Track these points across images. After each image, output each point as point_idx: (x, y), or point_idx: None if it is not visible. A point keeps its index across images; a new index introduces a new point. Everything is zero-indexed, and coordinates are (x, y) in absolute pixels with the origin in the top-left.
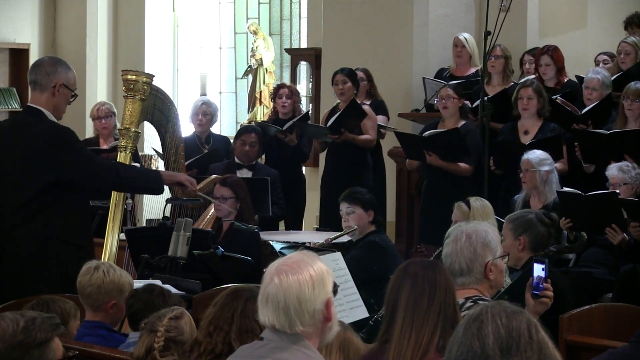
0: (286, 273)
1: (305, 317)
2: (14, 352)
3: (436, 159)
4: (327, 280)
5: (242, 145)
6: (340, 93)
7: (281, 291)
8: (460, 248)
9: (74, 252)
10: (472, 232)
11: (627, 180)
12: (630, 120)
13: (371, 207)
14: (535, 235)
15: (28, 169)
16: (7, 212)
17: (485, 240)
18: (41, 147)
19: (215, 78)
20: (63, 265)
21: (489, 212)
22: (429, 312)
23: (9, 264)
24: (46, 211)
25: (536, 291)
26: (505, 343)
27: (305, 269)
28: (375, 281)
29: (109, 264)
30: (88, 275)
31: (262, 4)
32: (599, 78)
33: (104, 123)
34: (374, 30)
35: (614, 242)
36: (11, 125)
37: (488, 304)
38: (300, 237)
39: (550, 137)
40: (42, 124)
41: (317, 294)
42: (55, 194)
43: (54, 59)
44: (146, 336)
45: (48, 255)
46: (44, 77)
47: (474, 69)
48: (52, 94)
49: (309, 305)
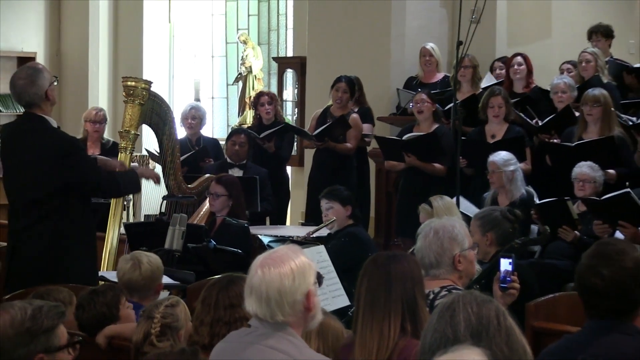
0: (269, 266)
1: (286, 308)
2: (22, 338)
3: (414, 160)
4: (308, 273)
5: (232, 146)
6: (337, 100)
7: (263, 283)
8: (429, 243)
9: (79, 247)
10: (439, 228)
11: (596, 178)
12: (590, 124)
13: (349, 202)
14: (501, 231)
15: (37, 174)
16: (19, 214)
17: (452, 234)
18: (50, 154)
19: (208, 84)
20: (71, 260)
21: (451, 208)
22: (389, 304)
23: (21, 260)
24: (54, 212)
25: (504, 284)
26: (476, 329)
27: (286, 263)
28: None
29: (142, 254)
30: (136, 271)
31: (251, 16)
32: (565, 81)
33: (97, 127)
34: (354, 40)
35: (567, 240)
36: (16, 133)
37: (460, 293)
38: (286, 232)
39: (514, 137)
40: (49, 132)
41: (297, 286)
42: (61, 197)
43: (28, 75)
44: (144, 323)
45: (57, 252)
46: (35, 96)
47: (440, 75)
48: (47, 99)
49: (289, 297)
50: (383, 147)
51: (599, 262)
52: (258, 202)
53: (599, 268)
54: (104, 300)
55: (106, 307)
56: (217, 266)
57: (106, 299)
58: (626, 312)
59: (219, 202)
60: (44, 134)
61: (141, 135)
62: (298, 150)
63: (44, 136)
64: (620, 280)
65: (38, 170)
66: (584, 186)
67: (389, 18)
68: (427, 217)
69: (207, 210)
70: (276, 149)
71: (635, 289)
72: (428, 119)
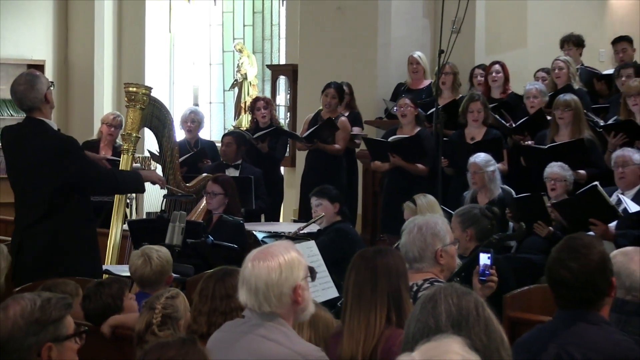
0: (259, 260)
1: (272, 300)
2: (32, 328)
3: (399, 160)
4: (296, 268)
5: (222, 147)
6: (326, 104)
7: (253, 276)
8: (413, 239)
9: (80, 242)
10: (423, 224)
11: (566, 177)
12: (561, 127)
13: (337, 200)
14: (480, 227)
15: (40, 174)
16: (24, 212)
17: (434, 230)
18: (50, 155)
19: (206, 90)
20: (73, 254)
21: (433, 205)
22: (375, 296)
23: (27, 255)
24: (56, 210)
25: (482, 277)
26: (456, 320)
27: (276, 258)
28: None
29: (152, 249)
30: (147, 267)
31: (246, 27)
32: (536, 87)
33: (112, 131)
34: (343, 49)
35: (541, 235)
36: (19, 137)
37: (442, 286)
38: (279, 228)
39: (492, 139)
40: (48, 135)
41: (283, 280)
42: (63, 195)
43: (27, 81)
44: (146, 313)
45: (60, 247)
46: (35, 99)
47: (427, 82)
48: (46, 102)
49: (276, 289)
50: (370, 148)
51: (567, 256)
52: (253, 200)
53: (567, 261)
54: (109, 292)
55: (111, 298)
56: (215, 260)
57: (111, 290)
58: (593, 302)
59: (216, 200)
60: (44, 137)
61: (143, 138)
62: (290, 152)
63: (44, 139)
64: (587, 273)
65: (40, 171)
66: (556, 185)
67: (376, 28)
68: (411, 214)
69: (204, 207)
70: (271, 150)
71: (601, 281)
72: (411, 123)
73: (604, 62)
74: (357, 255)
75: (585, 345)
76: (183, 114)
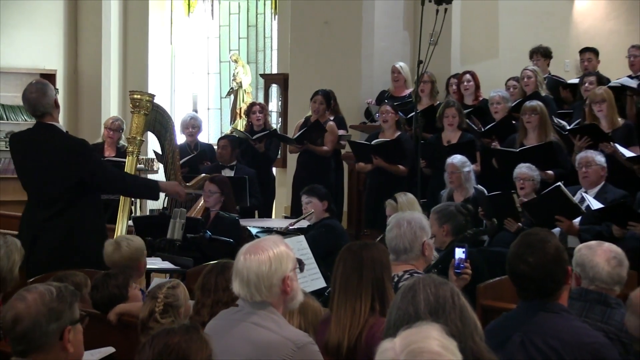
0: (250, 254)
1: (263, 290)
2: (53, 314)
3: (381, 162)
4: (285, 261)
5: (217, 149)
6: (315, 110)
7: (245, 268)
8: (404, 232)
9: (92, 237)
10: (410, 219)
11: (534, 177)
12: (529, 131)
13: (326, 198)
14: (455, 223)
15: (54, 173)
16: (39, 209)
17: (421, 224)
18: (64, 156)
19: (204, 97)
20: (85, 248)
21: (413, 202)
22: (360, 286)
23: (43, 249)
24: (70, 207)
25: (458, 270)
26: (434, 307)
27: (266, 251)
28: (330, 256)
29: (124, 237)
30: (117, 252)
31: (241, 39)
32: (500, 94)
33: (112, 134)
34: (330, 59)
35: (511, 230)
36: (31, 140)
37: (421, 277)
38: (271, 223)
39: (466, 141)
40: (61, 137)
41: (273, 272)
42: (76, 193)
43: (38, 89)
44: (149, 302)
45: (72, 241)
46: (47, 105)
47: (408, 90)
48: (56, 107)
49: (266, 281)
50: (355, 151)
51: (525, 251)
52: (247, 198)
53: (525, 256)
54: (116, 282)
55: (117, 288)
56: (212, 254)
57: (117, 281)
58: (551, 292)
59: (213, 198)
60: (56, 139)
61: (146, 141)
62: (282, 154)
63: (56, 141)
64: (544, 265)
65: (55, 170)
66: (524, 184)
67: (360, 40)
68: (392, 211)
69: (202, 205)
70: (266, 150)
71: (558, 271)
72: (392, 127)
73: (569, 71)
74: (345, 249)
75: (546, 332)
76: (183, 120)
